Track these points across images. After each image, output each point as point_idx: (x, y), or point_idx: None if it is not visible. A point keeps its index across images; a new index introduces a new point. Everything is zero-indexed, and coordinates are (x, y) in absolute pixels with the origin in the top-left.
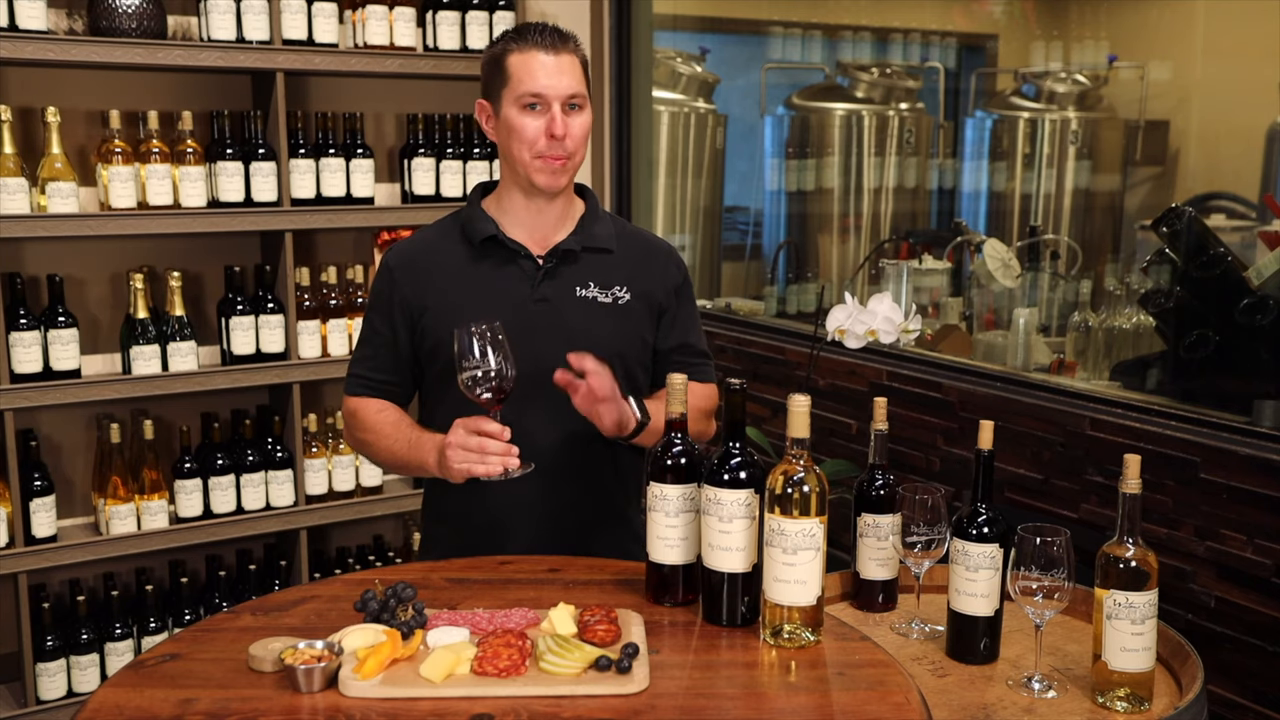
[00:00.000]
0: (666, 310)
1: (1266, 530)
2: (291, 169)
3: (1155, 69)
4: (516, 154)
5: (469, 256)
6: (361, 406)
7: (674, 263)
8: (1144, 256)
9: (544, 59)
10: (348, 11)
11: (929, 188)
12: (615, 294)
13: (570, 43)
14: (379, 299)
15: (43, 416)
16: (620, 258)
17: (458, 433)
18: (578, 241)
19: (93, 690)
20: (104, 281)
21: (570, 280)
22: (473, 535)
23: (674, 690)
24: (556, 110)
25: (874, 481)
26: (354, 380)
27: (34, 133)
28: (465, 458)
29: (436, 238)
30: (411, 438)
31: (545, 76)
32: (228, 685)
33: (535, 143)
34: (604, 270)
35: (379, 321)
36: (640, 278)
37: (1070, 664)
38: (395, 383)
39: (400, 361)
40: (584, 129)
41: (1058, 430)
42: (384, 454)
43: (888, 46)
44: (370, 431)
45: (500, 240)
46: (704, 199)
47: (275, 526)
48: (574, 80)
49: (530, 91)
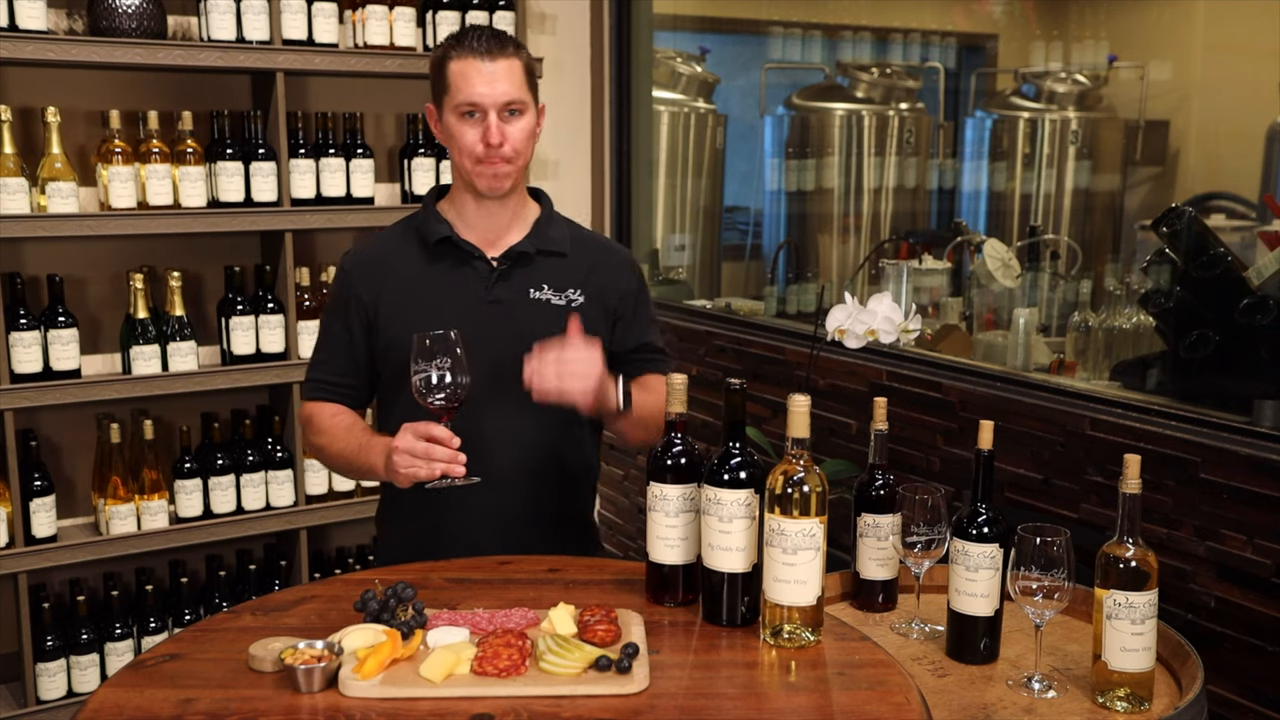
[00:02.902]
0: (622, 316)
1: (1266, 530)
2: (291, 169)
3: (1155, 69)
4: (458, 160)
5: (424, 258)
6: (317, 411)
7: (628, 267)
8: (1144, 256)
9: (480, 66)
10: (348, 11)
11: (929, 188)
12: (569, 296)
13: (509, 47)
14: (335, 302)
15: (43, 416)
16: (574, 261)
17: (405, 437)
18: (532, 244)
19: (93, 690)
20: (104, 281)
21: (524, 282)
22: (424, 538)
23: (674, 690)
24: (493, 118)
25: (874, 481)
26: (311, 384)
27: (34, 133)
28: (411, 462)
29: (392, 241)
30: (362, 441)
31: (481, 84)
32: (228, 685)
33: (474, 150)
34: (558, 273)
35: (335, 324)
36: (594, 281)
37: (1070, 664)
38: (352, 385)
39: (357, 364)
40: (524, 133)
41: (1058, 430)
42: (337, 458)
43: (888, 46)
44: (324, 435)
45: (454, 242)
46: (704, 199)
47: (275, 526)
48: (511, 86)
49: (466, 100)
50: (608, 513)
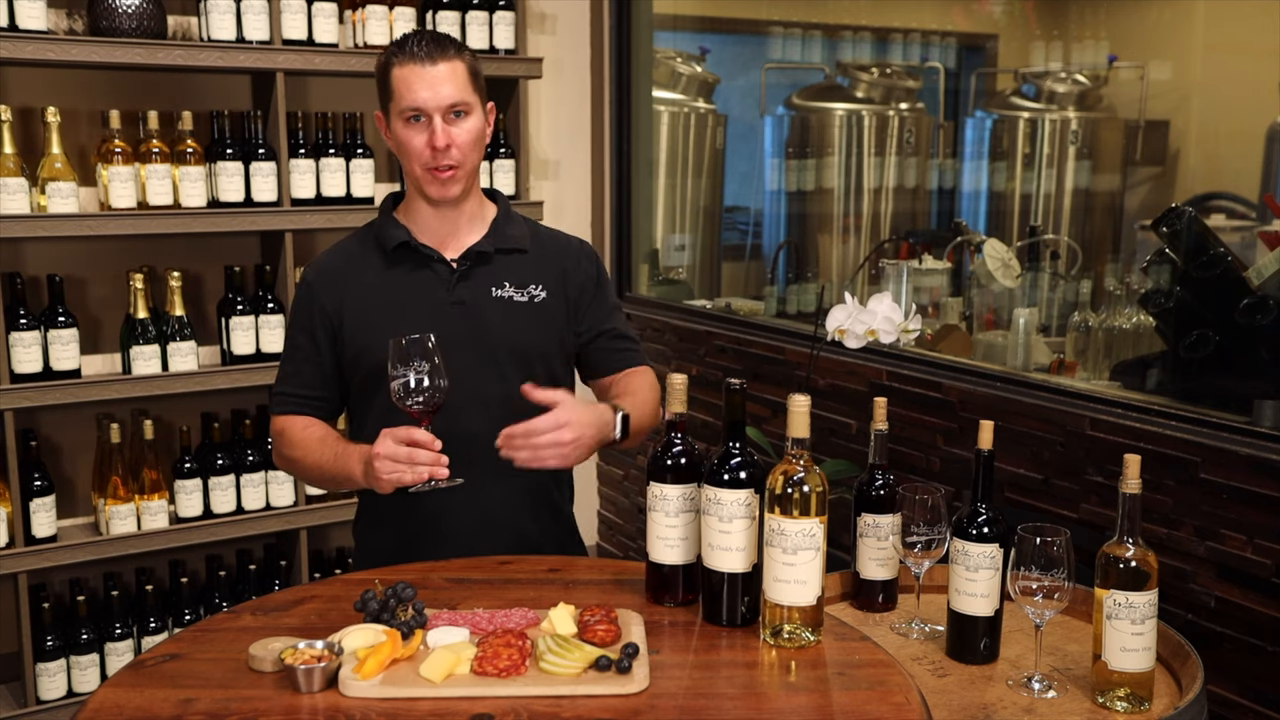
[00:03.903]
0: (582, 305)
1: (1266, 530)
2: (291, 169)
3: (1155, 69)
4: (408, 167)
5: (383, 265)
6: (289, 425)
7: (586, 256)
8: (1144, 256)
9: (422, 71)
10: (348, 11)
11: (929, 188)
12: (531, 293)
13: (450, 50)
14: (299, 315)
15: (43, 416)
16: (534, 256)
17: (385, 443)
18: (491, 243)
19: (93, 690)
20: (104, 281)
21: (485, 281)
22: (407, 540)
23: (674, 690)
24: (438, 122)
25: (874, 481)
26: (279, 399)
27: (34, 133)
28: (394, 467)
29: (351, 249)
30: (338, 450)
31: (423, 89)
32: (228, 685)
33: (421, 155)
34: (519, 270)
35: (300, 336)
36: (555, 276)
37: (1070, 664)
38: (322, 397)
39: (325, 375)
40: (471, 135)
41: (1058, 430)
42: (311, 470)
43: (888, 46)
44: (297, 448)
45: (413, 246)
46: (704, 199)
47: (275, 526)
48: (455, 89)
49: (410, 105)
50: (608, 513)
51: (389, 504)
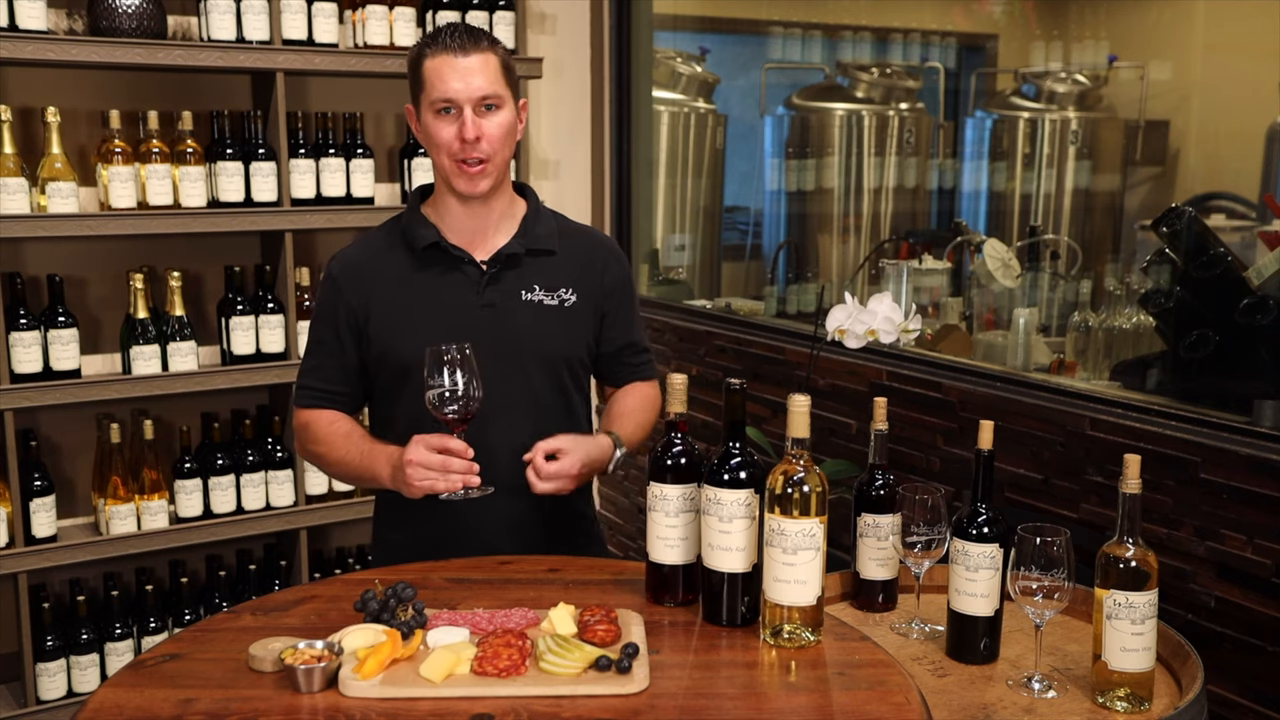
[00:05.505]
0: (608, 313)
1: (1266, 530)
2: (291, 169)
3: (1155, 69)
4: (437, 160)
5: (412, 264)
6: (314, 419)
7: (615, 259)
8: (1144, 256)
9: (454, 62)
10: (348, 11)
11: (929, 188)
12: (561, 296)
13: (483, 42)
14: (324, 309)
15: (43, 416)
16: (564, 258)
17: (418, 449)
18: (521, 244)
19: (93, 690)
20: (104, 281)
21: (515, 284)
22: (429, 543)
23: (674, 690)
24: (468, 114)
25: (874, 481)
26: (304, 392)
27: (34, 133)
28: (426, 475)
29: (378, 245)
30: (364, 449)
31: (455, 80)
32: (228, 685)
33: (450, 147)
34: (548, 272)
35: (325, 331)
36: (584, 278)
37: (1070, 664)
38: (345, 392)
39: (348, 371)
40: (502, 129)
41: (1058, 430)
42: (336, 465)
43: (888, 46)
44: (322, 444)
45: (442, 247)
46: (704, 199)
47: (275, 526)
48: (487, 81)
49: (442, 97)
50: (608, 513)
51: (412, 505)
